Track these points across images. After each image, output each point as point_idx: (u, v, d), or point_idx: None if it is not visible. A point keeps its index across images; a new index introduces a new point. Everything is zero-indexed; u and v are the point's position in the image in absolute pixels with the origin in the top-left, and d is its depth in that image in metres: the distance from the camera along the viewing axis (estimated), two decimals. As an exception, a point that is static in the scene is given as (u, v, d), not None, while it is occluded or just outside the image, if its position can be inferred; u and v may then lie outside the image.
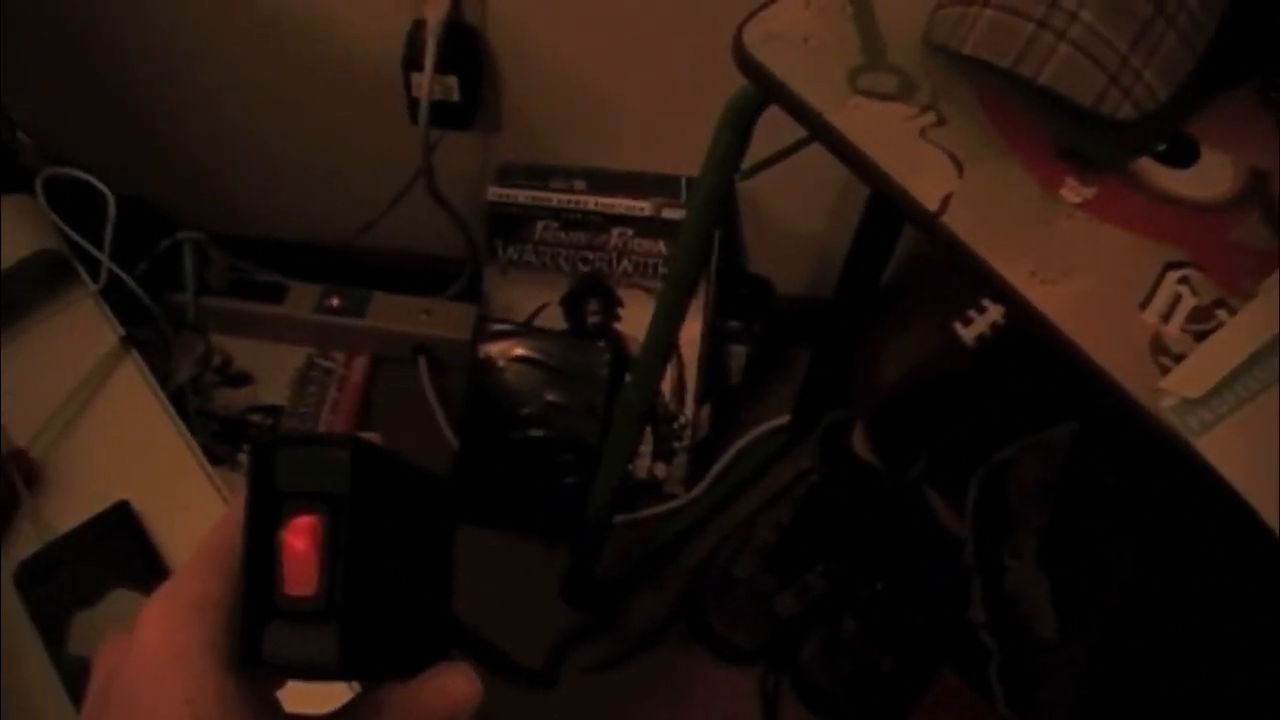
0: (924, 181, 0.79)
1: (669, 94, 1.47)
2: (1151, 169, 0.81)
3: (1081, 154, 0.81)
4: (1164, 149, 0.81)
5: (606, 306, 1.68)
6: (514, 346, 1.67)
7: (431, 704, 0.46)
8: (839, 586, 1.50)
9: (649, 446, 1.69)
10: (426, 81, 1.41)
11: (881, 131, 0.82)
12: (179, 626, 0.43)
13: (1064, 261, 0.77)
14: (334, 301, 1.82)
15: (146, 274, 1.44)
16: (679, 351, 1.63)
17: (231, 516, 0.44)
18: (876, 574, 1.49)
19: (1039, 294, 0.75)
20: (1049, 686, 1.22)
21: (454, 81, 1.44)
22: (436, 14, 1.37)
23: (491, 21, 1.43)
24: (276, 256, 1.87)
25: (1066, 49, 0.78)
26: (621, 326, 1.68)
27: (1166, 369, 0.73)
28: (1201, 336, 0.74)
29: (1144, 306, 0.75)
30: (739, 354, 1.74)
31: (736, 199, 1.64)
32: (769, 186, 1.36)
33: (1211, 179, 0.81)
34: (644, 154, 1.62)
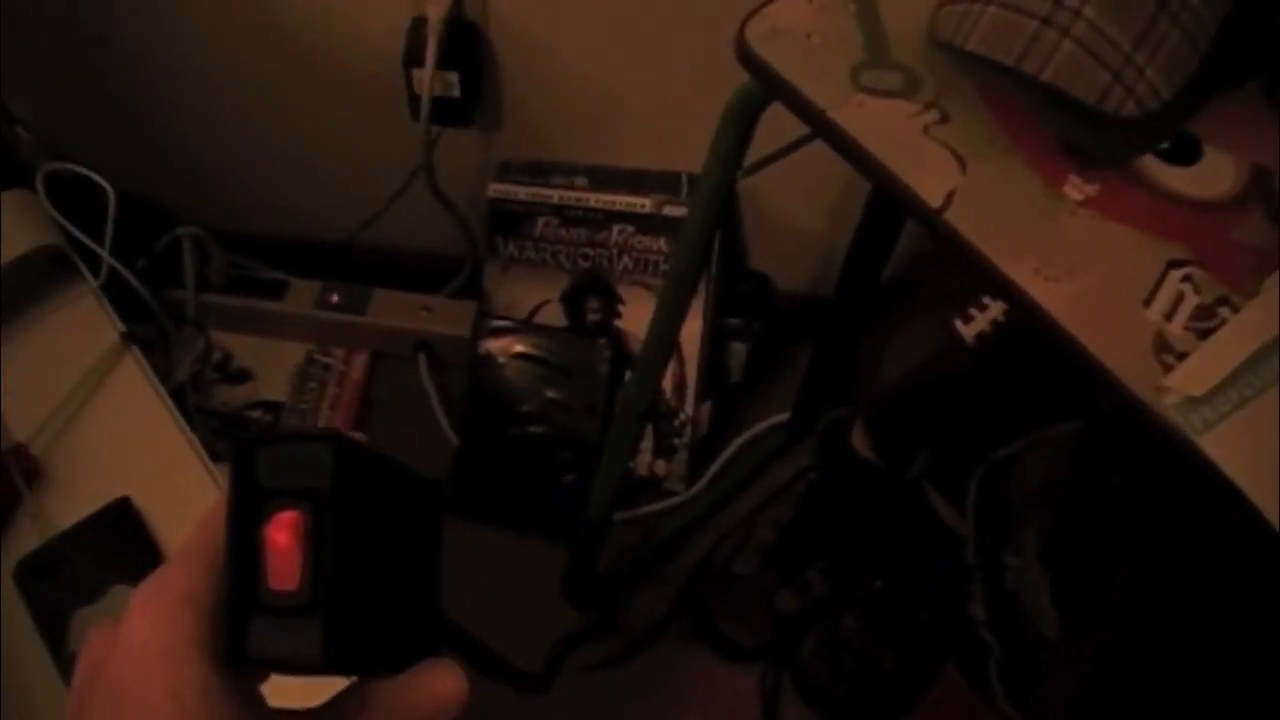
0: (927, 178, 0.79)
1: (670, 91, 1.46)
2: (1154, 167, 0.81)
3: (1084, 151, 0.81)
4: (1167, 147, 0.81)
5: (607, 304, 1.68)
6: (514, 343, 1.67)
7: (417, 700, 0.46)
8: (839, 584, 1.50)
9: (649, 443, 1.68)
10: (427, 77, 1.41)
11: (884, 128, 0.81)
12: (165, 621, 0.43)
13: (1067, 259, 0.76)
14: (334, 298, 1.82)
15: (146, 270, 1.44)
16: (679, 348, 1.63)
17: (217, 511, 0.44)
18: (877, 572, 1.49)
19: (1042, 291, 0.75)
20: (1050, 685, 1.22)
21: (455, 78, 1.44)
22: (438, 10, 1.37)
23: (493, 17, 1.43)
24: (276, 253, 1.87)
25: (1070, 46, 0.77)
26: (622, 324, 1.68)
27: (1169, 367, 0.73)
28: (1204, 335, 0.74)
29: (1147, 304, 0.75)
30: (739, 351, 1.74)
31: (737, 196, 1.64)
32: (770, 183, 1.36)
33: (1214, 177, 0.81)
34: (645, 151, 1.62)
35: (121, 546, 0.85)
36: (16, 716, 0.80)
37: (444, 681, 0.47)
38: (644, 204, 1.61)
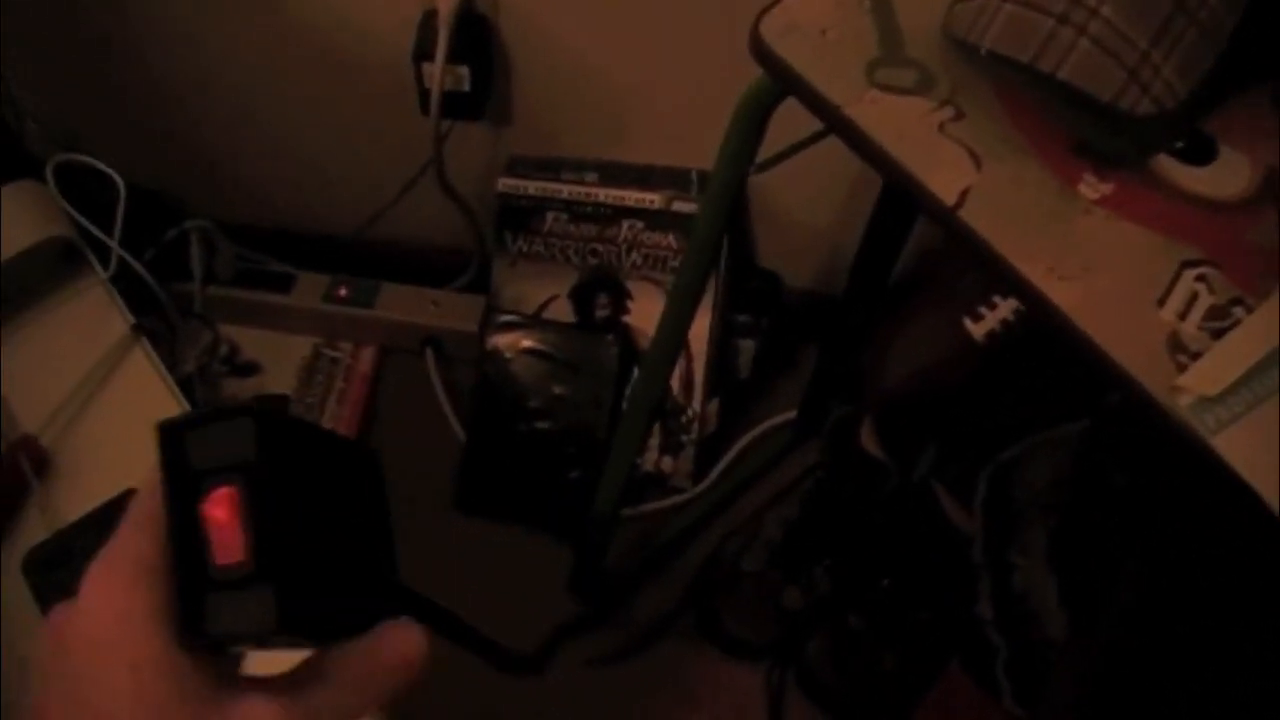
0: (941, 176, 0.79)
1: (682, 86, 1.46)
2: (1169, 166, 0.80)
3: (1099, 150, 0.81)
4: (1182, 146, 0.81)
5: (615, 299, 1.68)
6: (522, 338, 1.66)
7: (380, 660, 0.47)
8: (845, 582, 1.50)
9: (656, 440, 1.68)
10: (437, 71, 1.40)
11: (899, 125, 0.81)
12: (122, 590, 0.43)
13: (1082, 258, 0.76)
14: (342, 292, 1.82)
15: (153, 263, 1.43)
16: (687, 345, 1.63)
17: (151, 480, 0.45)
18: (883, 570, 1.49)
19: (1056, 290, 0.75)
20: (1057, 684, 1.21)
21: (465, 72, 1.43)
22: (448, 4, 1.37)
23: (503, 11, 1.42)
24: (284, 246, 1.87)
25: (1086, 44, 0.77)
26: (630, 319, 1.68)
27: (1183, 366, 0.73)
28: (1218, 334, 0.74)
29: (1161, 304, 0.75)
30: (747, 348, 1.73)
31: (747, 193, 1.64)
32: (780, 181, 1.36)
33: (1229, 178, 0.80)
34: (655, 146, 1.61)
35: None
36: (22, 709, 0.80)
37: (404, 641, 0.48)
38: (653, 200, 1.61)
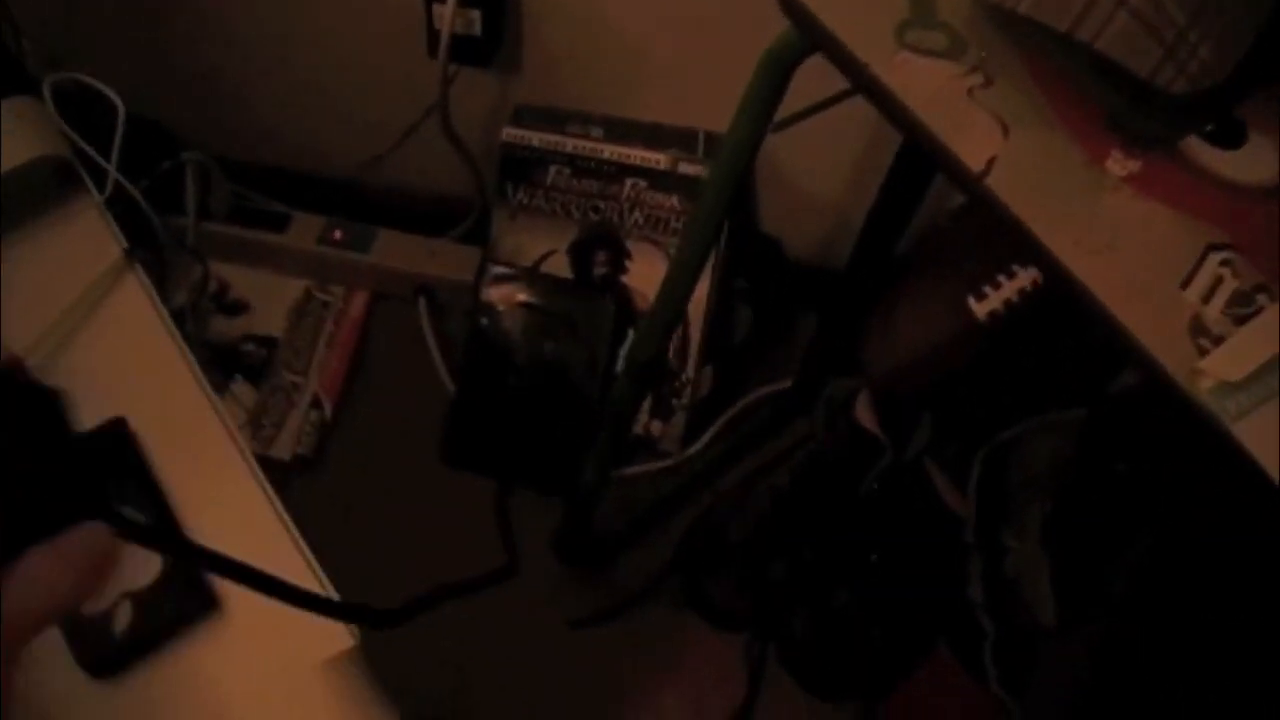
0: (969, 142, 0.78)
1: (696, 43, 1.44)
2: (1199, 148, 0.79)
3: (1129, 127, 0.79)
4: (1212, 129, 0.79)
5: (614, 258, 1.66)
6: (517, 292, 1.64)
7: (67, 555, 0.49)
8: (833, 557, 1.49)
9: (647, 403, 1.67)
10: (448, 13, 1.38)
11: (928, 89, 0.79)
12: None
13: (1107, 234, 0.75)
14: (337, 235, 1.80)
15: (147, 194, 1.40)
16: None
17: None
18: (871, 547, 1.47)
19: (1081, 265, 0.74)
20: (1045, 672, 1.20)
21: (476, 15, 1.41)
22: (464, -56, 1.34)
23: (519, -45, 1.40)
24: (281, 185, 1.85)
25: (1125, 17, 0.75)
26: (628, 280, 1.66)
27: (1204, 350, 0.71)
28: (1241, 320, 0.72)
29: (1185, 286, 0.73)
30: (745, 315, 1.72)
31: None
32: (788, 146, 1.34)
33: (1258, 163, 0.79)
34: (664, 105, 1.59)
35: (115, 468, 0.83)
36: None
37: (91, 537, 0.50)
38: (659, 159, 1.59)
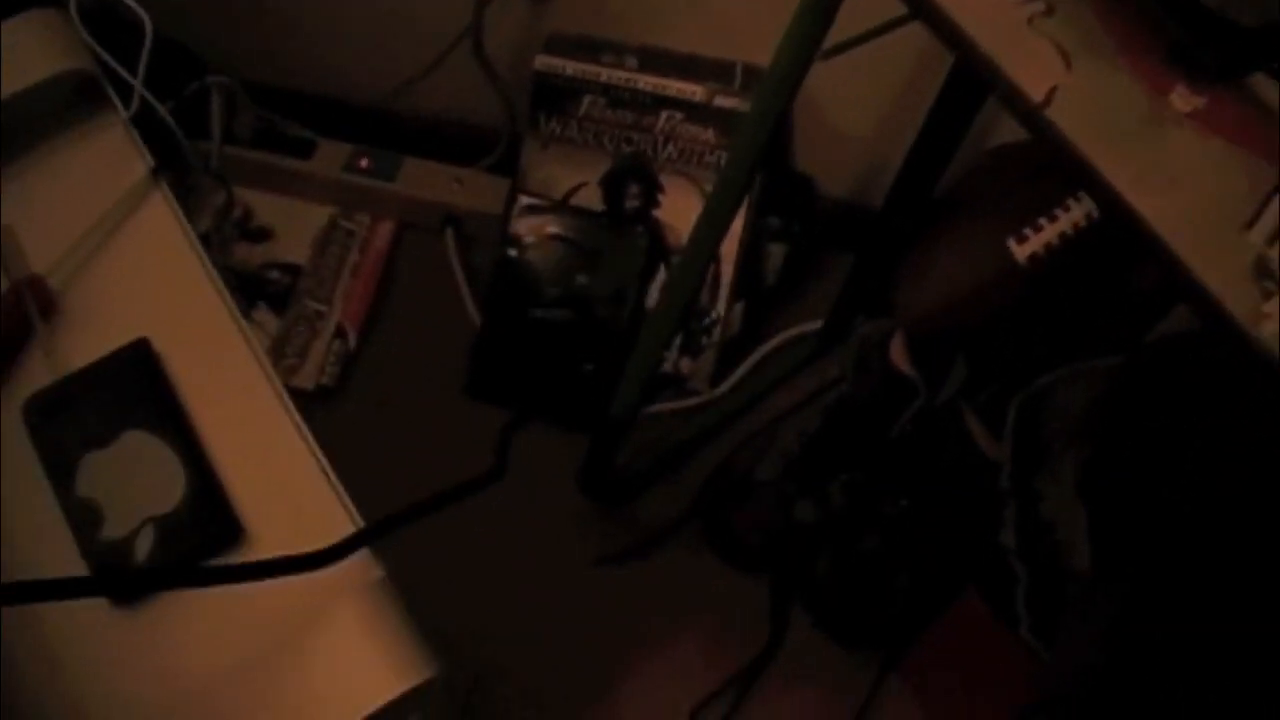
0: (1029, 72, 0.75)
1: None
2: (1266, 86, 0.76)
3: (1194, 61, 0.76)
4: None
5: (647, 191, 1.63)
6: (547, 224, 1.62)
7: None
8: (861, 500, 1.47)
9: (677, 340, 1.64)
10: (484, -65, 1.35)
11: (987, 15, 0.77)
12: None
13: (1169, 171, 0.72)
14: (363, 162, 1.77)
15: (171, 117, 1.38)
16: (715, 244, 1.59)
17: None
18: (901, 491, 1.45)
19: (1142, 202, 0.71)
20: (1077, 619, 1.19)
21: (512, -62, 1.38)
22: None
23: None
24: (307, 111, 1.82)
25: (1194, -59, 0.72)
26: (661, 214, 1.64)
27: (1268, 293, 0.69)
28: (1307, 263, 0.70)
29: (1249, 227, 0.71)
30: (777, 253, 1.69)
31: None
32: (826, 81, 1.31)
33: (1326, 104, 0.76)
34: (702, 36, 1.56)
35: (137, 390, 0.80)
36: (16, 560, 0.77)
37: None
38: (695, 92, 1.56)
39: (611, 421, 1.41)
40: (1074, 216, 1.29)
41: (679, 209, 1.63)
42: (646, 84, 1.58)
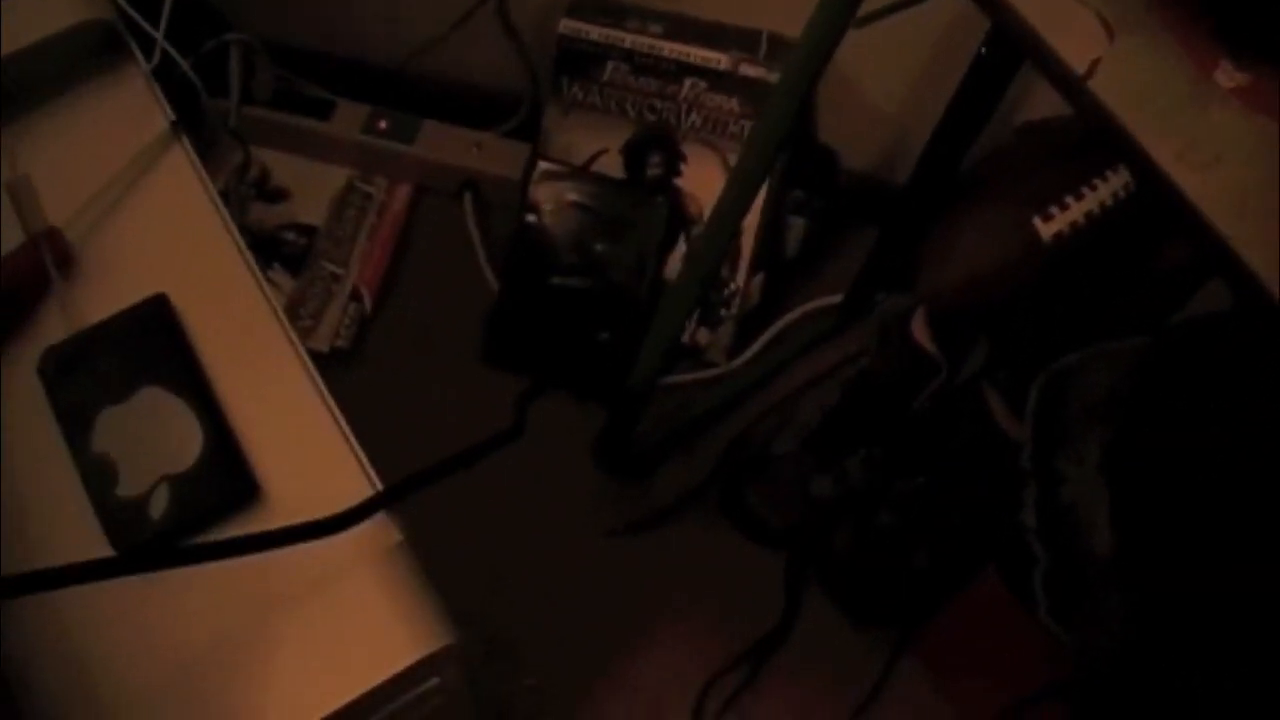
0: (1072, 42, 0.74)
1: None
2: (1312, 63, 0.74)
3: (1240, 36, 0.74)
4: (1331, 41, 0.75)
5: (669, 160, 1.62)
6: (567, 190, 1.60)
7: None
8: (879, 476, 1.46)
9: (695, 311, 1.63)
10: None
11: (1030, -18, 0.75)
12: None
13: (1213, 148, 0.71)
14: (382, 124, 1.76)
15: (186, 76, 1.37)
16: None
17: None
18: (920, 468, 1.44)
19: (1186, 178, 0.70)
20: (1097, 603, 1.17)
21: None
22: None
23: None
24: (326, 71, 1.80)
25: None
26: (682, 183, 1.62)
27: (1313, 276, 0.67)
28: (1353, 246, 0.68)
29: (1296, 206, 0.69)
30: (798, 226, 1.68)
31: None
32: (853, 53, 1.29)
33: (1375, 83, 0.74)
34: (728, 4, 1.55)
35: (155, 346, 0.79)
36: (28, 514, 0.76)
37: None
38: (720, 60, 1.55)
39: (629, 392, 1.40)
40: (1101, 195, 1.28)
41: (701, 178, 1.62)
42: (671, 51, 1.57)
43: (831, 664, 1.50)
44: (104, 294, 0.83)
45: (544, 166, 1.62)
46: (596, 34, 1.58)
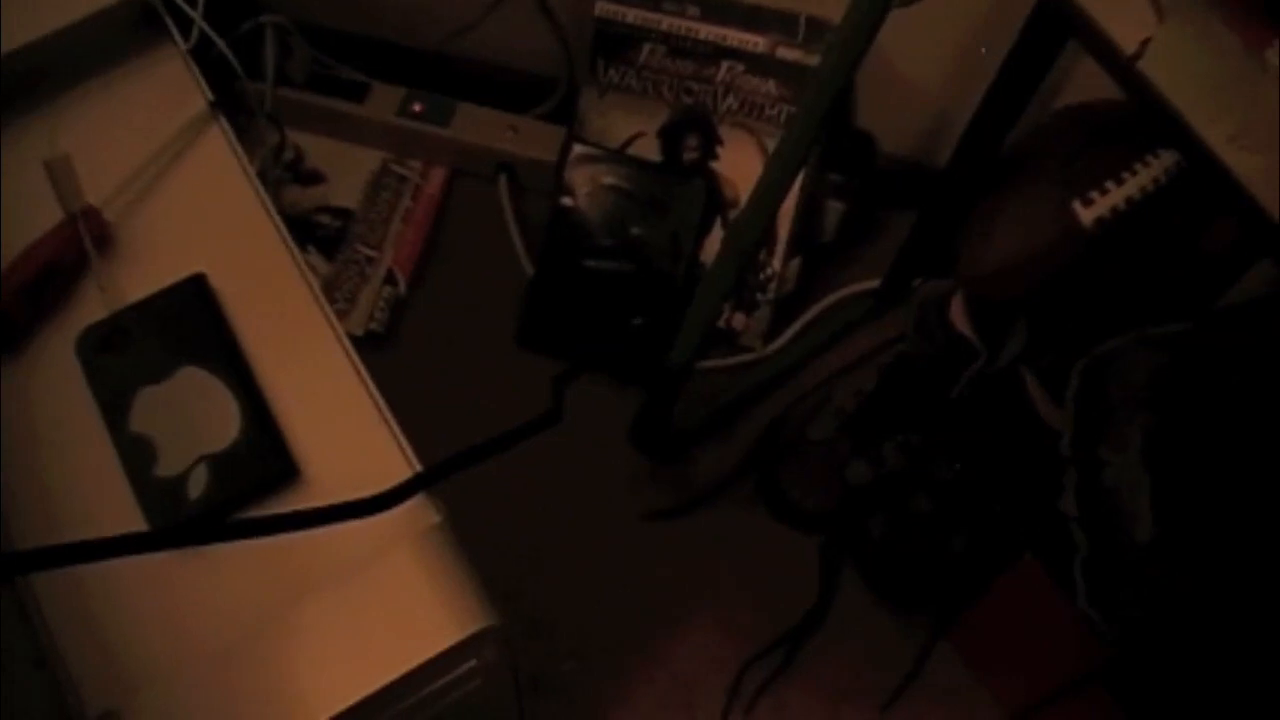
0: (1121, 23, 0.73)
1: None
2: (1367, 42, 0.73)
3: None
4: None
5: (705, 143, 1.61)
6: (603, 173, 1.60)
7: None
8: (916, 462, 1.45)
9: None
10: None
11: (1079, -39, 0.74)
12: None
13: (1266, 129, 0.70)
14: (417, 107, 1.75)
15: (223, 58, 1.37)
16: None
17: None
18: (957, 454, 1.43)
19: (1237, 160, 0.69)
20: (1138, 590, 1.16)
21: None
22: None
23: None
24: (362, 54, 1.80)
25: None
26: (719, 166, 1.61)
27: (1367, 261, 0.66)
28: None
29: (1349, 191, 0.68)
30: (835, 210, 1.66)
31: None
32: (890, 36, 1.28)
33: None
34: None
35: (193, 326, 0.79)
36: (67, 494, 0.76)
37: None
38: (757, 42, 1.54)
39: (666, 376, 1.40)
40: (1142, 180, 1.26)
41: (737, 162, 1.60)
42: (708, 33, 1.56)
43: (867, 649, 1.49)
44: (142, 273, 0.83)
45: (579, 149, 1.61)
46: (633, 16, 1.57)
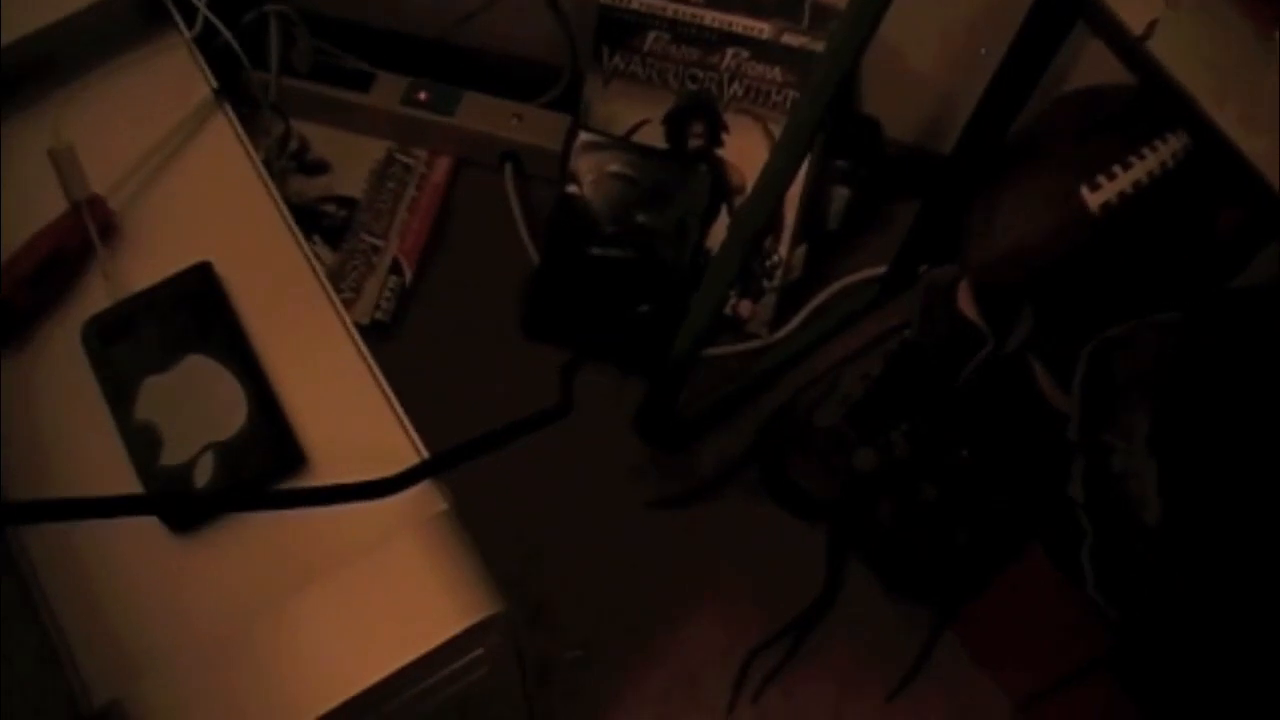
0: (1129, 3, 0.72)
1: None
2: (1377, 23, 0.72)
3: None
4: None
5: (711, 130, 1.60)
6: (608, 161, 1.59)
7: None
8: (923, 449, 1.44)
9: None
10: None
11: (1087, -58, 0.73)
12: None
13: (1276, 111, 0.69)
14: (422, 96, 1.75)
15: (227, 47, 1.37)
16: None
17: None
18: (964, 441, 1.43)
19: (1248, 142, 0.68)
20: (1145, 576, 1.16)
21: None
22: None
23: None
24: (366, 43, 1.79)
25: None
26: (724, 153, 1.61)
27: (1377, 244, 0.66)
28: None
29: (1359, 173, 0.67)
30: (841, 197, 1.66)
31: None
32: (895, 21, 1.28)
33: None
34: (770, -30, 1.52)
35: (199, 314, 0.79)
36: (73, 482, 0.76)
37: None
38: (762, 29, 1.53)
39: (671, 364, 1.39)
40: (1149, 165, 1.26)
41: (743, 148, 1.60)
42: (713, 20, 1.55)
43: (873, 637, 1.49)
44: (147, 262, 0.83)
45: (585, 137, 1.61)
46: (637, 3, 1.56)
